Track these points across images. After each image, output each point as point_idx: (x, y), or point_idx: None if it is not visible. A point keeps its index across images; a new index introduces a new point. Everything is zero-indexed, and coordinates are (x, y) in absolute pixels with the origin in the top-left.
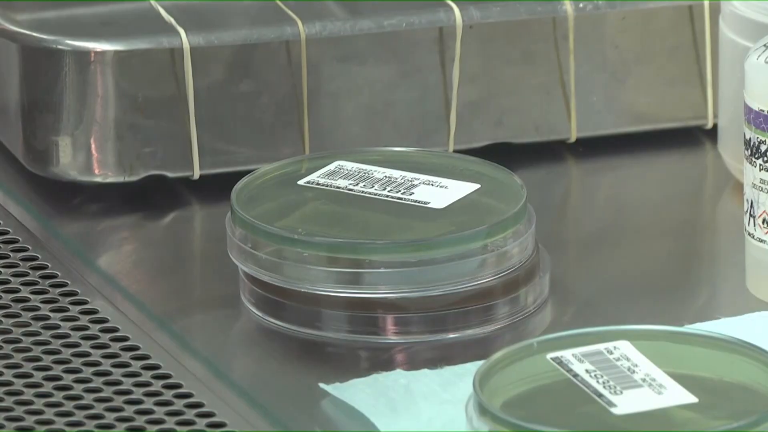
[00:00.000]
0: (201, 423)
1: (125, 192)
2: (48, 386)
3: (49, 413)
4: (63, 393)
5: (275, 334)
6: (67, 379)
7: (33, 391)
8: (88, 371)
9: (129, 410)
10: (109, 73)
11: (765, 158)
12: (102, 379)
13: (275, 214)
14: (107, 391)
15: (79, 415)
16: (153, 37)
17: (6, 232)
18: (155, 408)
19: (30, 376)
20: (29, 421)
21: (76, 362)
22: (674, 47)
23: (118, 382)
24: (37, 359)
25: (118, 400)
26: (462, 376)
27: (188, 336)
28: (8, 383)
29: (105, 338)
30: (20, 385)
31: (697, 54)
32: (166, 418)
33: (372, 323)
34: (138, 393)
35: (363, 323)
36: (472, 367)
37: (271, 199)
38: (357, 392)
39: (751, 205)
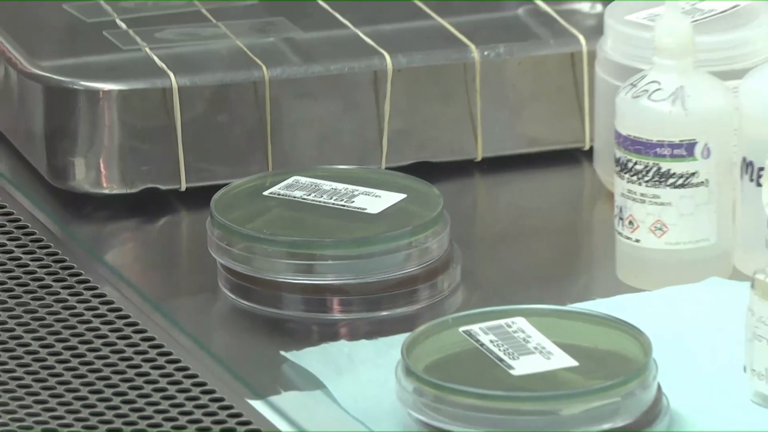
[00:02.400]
0: (187, 383)
1: (127, 201)
2: (66, 354)
3: (59, 368)
4: (78, 360)
5: (246, 313)
6: (81, 348)
7: (54, 358)
8: (98, 342)
9: (130, 373)
10: (114, 107)
11: (631, 173)
12: (109, 348)
13: (245, 219)
14: (113, 358)
15: (91, 377)
16: (149, 79)
17: (33, 233)
18: (151, 371)
19: (52, 346)
20: (44, 374)
21: (89, 335)
22: (560, 86)
23: (121, 351)
24: (58, 333)
25: (122, 365)
26: (393, 346)
27: (177, 315)
28: (35, 351)
29: (111, 316)
30: (45, 353)
31: (578, 91)
32: (159, 378)
33: (322, 304)
34: (138, 359)
35: (315, 304)
36: (400, 339)
37: (242, 207)
38: (310, 358)
39: (621, 210)
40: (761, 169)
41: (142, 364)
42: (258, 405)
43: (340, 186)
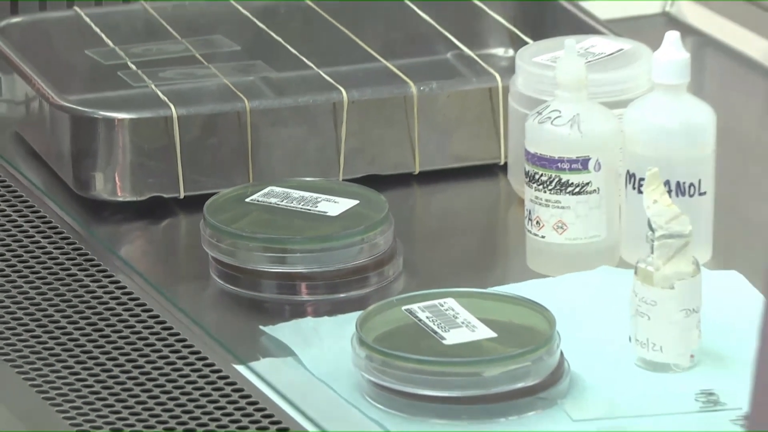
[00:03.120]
0: (184, 351)
1: (137, 207)
2: (88, 329)
3: (82, 340)
4: (98, 333)
5: (231, 296)
6: (100, 324)
7: (79, 332)
8: (113, 319)
9: (139, 344)
10: (127, 132)
11: (537, 183)
12: (122, 324)
13: (231, 220)
14: (126, 332)
15: (108, 347)
16: (154, 110)
17: (62, 232)
18: (156, 342)
19: (77, 322)
20: (70, 344)
21: (106, 313)
22: (480, 114)
23: (132, 326)
24: (81, 312)
25: (133, 338)
26: (349, 321)
27: (176, 297)
28: (63, 327)
29: (124, 298)
30: (71, 328)
31: (495, 118)
32: (162, 348)
33: (293, 288)
34: (145, 332)
35: (287, 288)
36: (354, 315)
37: (229, 211)
38: (283, 331)
39: (530, 213)
40: (642, 179)
41: (148, 336)
42: (241, 369)
43: (306, 194)
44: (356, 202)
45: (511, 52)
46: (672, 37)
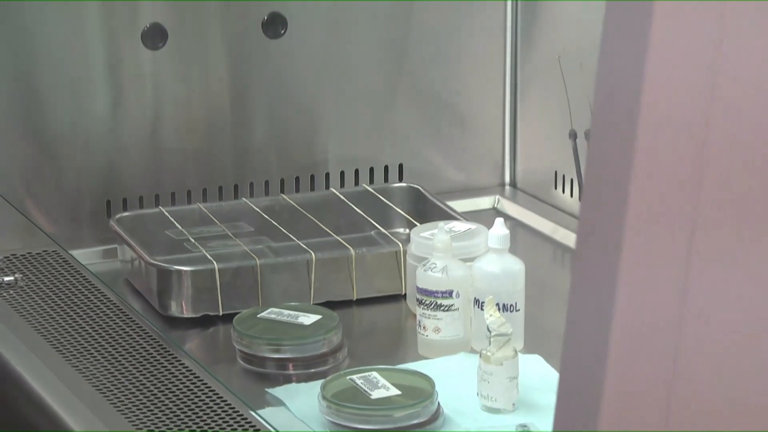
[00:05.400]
0: (221, 403)
1: (194, 320)
2: (164, 390)
3: (161, 396)
4: (169, 392)
5: (249, 371)
6: (171, 387)
7: (159, 392)
8: (179, 384)
9: (194, 398)
10: (189, 279)
11: (423, 305)
12: (185, 388)
13: (249, 327)
14: (186, 391)
15: (173, 397)
16: (204, 265)
17: (151, 335)
18: (204, 398)
19: (157, 386)
20: (149, 394)
21: (175, 381)
22: (391, 266)
23: (190, 387)
24: (161, 380)
25: (191, 394)
26: (317, 385)
27: (216, 371)
28: (150, 389)
29: (188, 374)
30: (153, 388)
31: (399, 268)
32: (208, 401)
33: (284, 366)
34: (198, 392)
35: (281, 366)
36: (320, 382)
37: (247, 322)
38: (280, 392)
39: (420, 322)
40: (483, 303)
41: (200, 395)
42: (253, 414)
43: (292, 312)
44: (320, 316)
45: (407, 230)
46: (499, 221)
